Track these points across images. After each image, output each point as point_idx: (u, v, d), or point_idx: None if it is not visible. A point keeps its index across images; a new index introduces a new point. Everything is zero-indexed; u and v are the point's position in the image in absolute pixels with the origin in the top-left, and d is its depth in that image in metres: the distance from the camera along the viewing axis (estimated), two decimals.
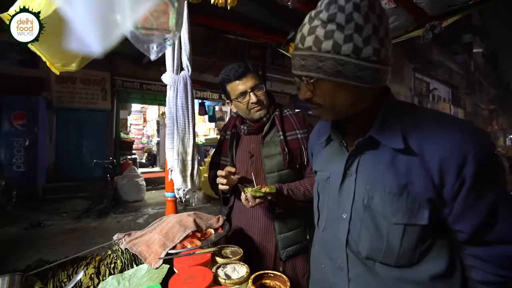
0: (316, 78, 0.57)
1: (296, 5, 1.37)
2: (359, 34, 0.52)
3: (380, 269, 0.61)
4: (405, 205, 0.56)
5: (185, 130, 1.18)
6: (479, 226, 0.55)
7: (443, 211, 0.57)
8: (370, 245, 0.61)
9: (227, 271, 0.81)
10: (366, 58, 0.53)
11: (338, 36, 0.52)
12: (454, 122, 0.57)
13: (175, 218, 1.02)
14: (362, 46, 0.52)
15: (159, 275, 0.79)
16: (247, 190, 0.98)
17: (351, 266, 0.64)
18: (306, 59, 0.56)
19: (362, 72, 0.54)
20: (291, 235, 1.12)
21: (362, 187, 0.62)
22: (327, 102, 0.60)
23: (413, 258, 0.58)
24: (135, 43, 0.63)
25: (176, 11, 0.68)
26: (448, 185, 0.54)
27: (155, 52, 0.68)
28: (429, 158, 0.54)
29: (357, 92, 0.58)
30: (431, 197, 0.55)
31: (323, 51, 0.54)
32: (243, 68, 1.10)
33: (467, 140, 0.53)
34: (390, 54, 0.56)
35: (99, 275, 0.87)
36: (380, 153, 0.60)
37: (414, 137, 0.57)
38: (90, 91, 6.45)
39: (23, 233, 3.83)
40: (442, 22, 1.60)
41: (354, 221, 0.63)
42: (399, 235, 0.57)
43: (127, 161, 7.29)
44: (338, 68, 0.54)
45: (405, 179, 0.56)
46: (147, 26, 0.64)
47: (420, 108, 0.65)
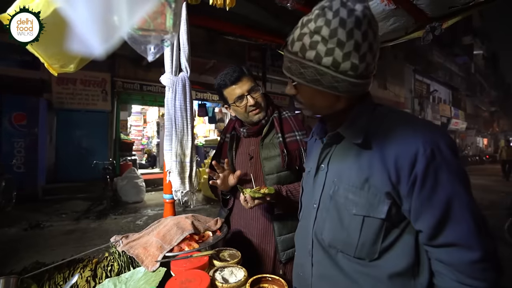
0: (297, 82, 0.63)
1: (295, 6, 1.37)
2: (340, 49, 0.55)
3: (341, 258, 0.64)
4: (365, 197, 0.59)
5: (184, 131, 1.17)
6: (436, 225, 0.55)
7: (403, 208, 0.58)
8: (333, 234, 0.65)
9: (224, 274, 0.80)
10: (344, 72, 0.57)
11: (321, 48, 0.56)
12: (411, 122, 0.61)
13: (173, 221, 1.01)
14: (341, 61, 0.56)
15: (155, 279, 0.78)
16: (246, 191, 0.98)
17: (315, 251, 0.69)
18: (292, 63, 0.62)
19: (338, 84, 0.58)
20: (291, 237, 1.11)
21: (330, 180, 0.67)
22: (306, 101, 0.67)
23: (373, 252, 0.60)
24: (132, 44, 0.63)
25: (173, 12, 0.68)
26: (403, 182, 0.56)
27: (152, 54, 0.67)
28: (387, 155, 0.58)
29: (334, 98, 0.63)
30: (388, 191, 0.58)
31: (306, 59, 0.58)
32: (238, 72, 1.10)
33: (417, 138, 0.56)
34: (371, 67, 0.60)
35: (95, 277, 0.86)
36: (348, 150, 0.66)
37: (377, 135, 0.61)
38: (90, 92, 6.46)
39: (23, 234, 3.82)
40: (443, 24, 1.59)
41: (321, 210, 0.68)
42: (358, 226, 0.60)
43: (127, 162, 7.28)
44: (317, 77, 0.59)
45: (366, 174, 0.60)
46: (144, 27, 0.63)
47: (392, 110, 0.68)
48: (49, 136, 6.05)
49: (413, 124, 0.60)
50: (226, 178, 1.11)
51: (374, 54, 0.59)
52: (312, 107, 0.68)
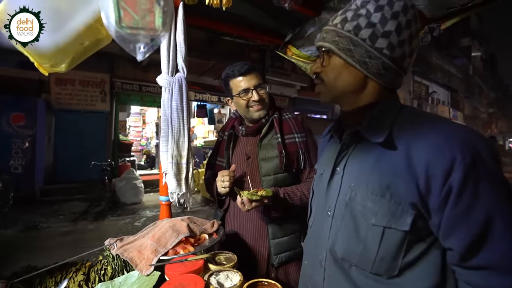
0: (328, 48, 0.60)
1: (293, 7, 1.36)
2: (381, 25, 0.55)
3: (356, 274, 0.56)
4: (386, 206, 0.52)
5: (180, 132, 1.16)
6: (471, 244, 0.47)
7: (432, 222, 0.51)
8: (347, 245, 0.58)
9: (219, 279, 0.79)
10: (379, 49, 0.55)
11: (362, 20, 0.56)
12: (445, 123, 0.53)
13: (168, 223, 1.00)
14: (379, 36, 0.55)
15: (149, 283, 0.76)
16: (243, 193, 0.96)
17: (327, 264, 0.62)
18: (328, 33, 0.61)
19: (370, 60, 0.56)
20: (284, 240, 1.10)
21: (347, 185, 0.60)
22: (331, 79, 0.62)
23: (393, 268, 0.52)
24: (120, 43, 0.61)
25: (163, 10, 0.66)
26: (434, 193, 0.49)
27: (142, 53, 0.66)
28: (416, 161, 0.50)
29: (361, 80, 0.59)
30: (414, 202, 0.50)
31: (345, 30, 0.58)
32: (248, 66, 1.11)
33: (454, 142, 0.49)
34: (407, 62, 0.58)
35: (88, 282, 0.85)
36: (368, 151, 0.59)
37: (403, 137, 0.54)
38: (89, 93, 6.44)
39: (20, 236, 3.79)
40: (441, 25, 1.59)
41: (336, 218, 0.61)
42: (377, 238, 0.53)
43: (126, 163, 7.25)
44: (350, 46, 0.57)
45: (388, 180, 0.53)
46: (132, 25, 0.62)
47: (421, 111, 0.62)
48: (48, 137, 6.01)
49: (448, 126, 0.52)
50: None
51: (412, 49, 0.57)
52: (334, 87, 0.61)
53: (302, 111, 9.43)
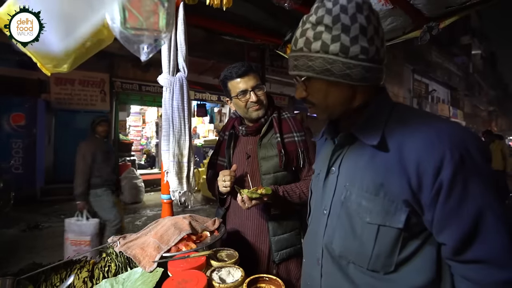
0: (306, 76, 0.59)
1: (292, 6, 1.37)
2: (346, 34, 0.53)
3: (353, 270, 0.58)
4: (380, 205, 0.54)
5: (181, 131, 1.17)
6: (463, 238, 0.49)
7: (425, 218, 0.53)
8: (344, 243, 0.59)
9: (221, 274, 0.80)
10: (354, 57, 0.54)
11: (326, 37, 0.54)
12: (435, 121, 0.54)
13: (171, 221, 1.01)
14: (349, 45, 0.54)
15: (152, 279, 0.78)
16: (243, 191, 0.98)
17: (324, 261, 0.63)
18: (298, 60, 0.59)
19: (350, 70, 0.55)
20: (285, 237, 1.11)
21: (342, 184, 0.62)
22: (320, 100, 0.61)
23: (389, 265, 0.54)
24: (125, 44, 0.62)
25: (167, 11, 0.67)
26: (426, 189, 0.50)
27: (145, 53, 0.67)
28: (407, 159, 0.52)
29: (349, 90, 0.59)
30: (407, 199, 0.52)
31: (312, 51, 0.56)
32: (245, 67, 1.12)
33: (444, 140, 0.50)
34: (382, 52, 0.57)
35: (92, 278, 0.86)
36: (362, 151, 0.60)
37: (395, 136, 0.55)
38: (89, 93, 6.43)
39: (21, 235, 3.81)
40: (440, 23, 1.60)
41: (332, 217, 0.63)
42: (372, 235, 0.55)
43: (126, 163, 7.25)
44: (326, 66, 0.55)
45: (382, 178, 0.54)
46: (137, 26, 0.63)
47: (412, 109, 0.64)
48: (48, 137, 6.02)
49: (437, 124, 0.53)
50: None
51: (382, 38, 0.56)
52: (326, 107, 0.61)
53: (302, 110, 9.44)
